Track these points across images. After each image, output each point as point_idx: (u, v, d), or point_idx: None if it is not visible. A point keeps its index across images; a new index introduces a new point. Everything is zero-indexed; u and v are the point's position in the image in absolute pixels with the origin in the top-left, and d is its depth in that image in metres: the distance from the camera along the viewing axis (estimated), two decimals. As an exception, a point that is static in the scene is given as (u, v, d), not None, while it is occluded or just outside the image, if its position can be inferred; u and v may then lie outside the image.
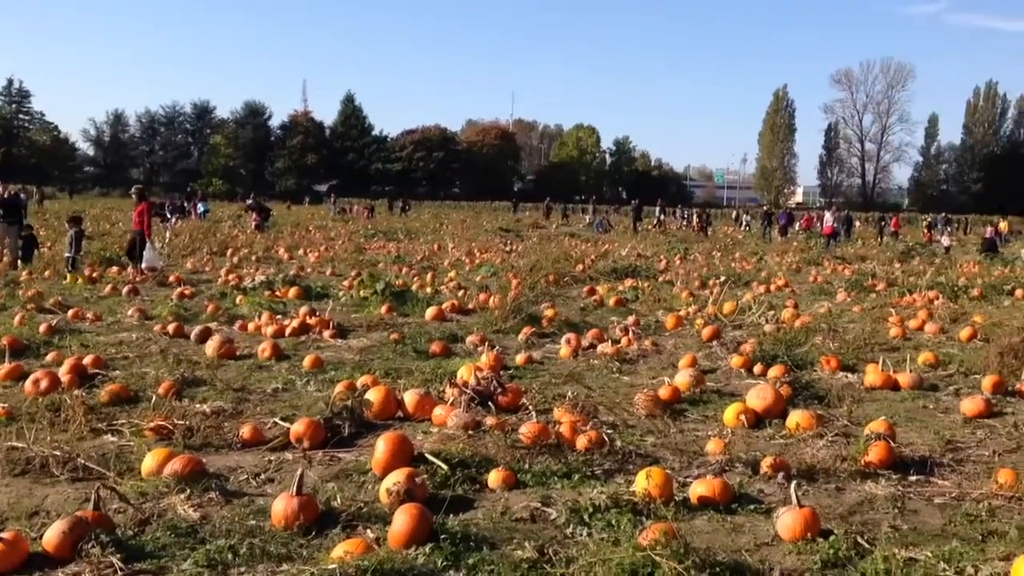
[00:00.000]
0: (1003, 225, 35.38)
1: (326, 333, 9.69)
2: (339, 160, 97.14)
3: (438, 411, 6.04)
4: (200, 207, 45.51)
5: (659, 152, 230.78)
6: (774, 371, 7.84)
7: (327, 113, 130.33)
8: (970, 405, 6.76)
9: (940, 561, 3.62)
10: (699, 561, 3.46)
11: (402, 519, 3.82)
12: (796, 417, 6.02)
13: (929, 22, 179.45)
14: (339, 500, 4.42)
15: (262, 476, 4.92)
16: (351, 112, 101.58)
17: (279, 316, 10.88)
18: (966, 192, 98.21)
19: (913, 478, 5.05)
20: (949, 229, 42.49)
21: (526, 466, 4.94)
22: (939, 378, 8.16)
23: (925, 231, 49.14)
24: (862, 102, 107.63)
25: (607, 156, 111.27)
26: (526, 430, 5.34)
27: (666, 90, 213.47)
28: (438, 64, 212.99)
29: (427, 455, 4.92)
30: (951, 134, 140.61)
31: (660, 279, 18.09)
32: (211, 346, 8.50)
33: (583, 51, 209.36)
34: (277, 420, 5.96)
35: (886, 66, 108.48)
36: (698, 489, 4.54)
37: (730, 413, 6.29)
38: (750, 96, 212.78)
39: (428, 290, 14.30)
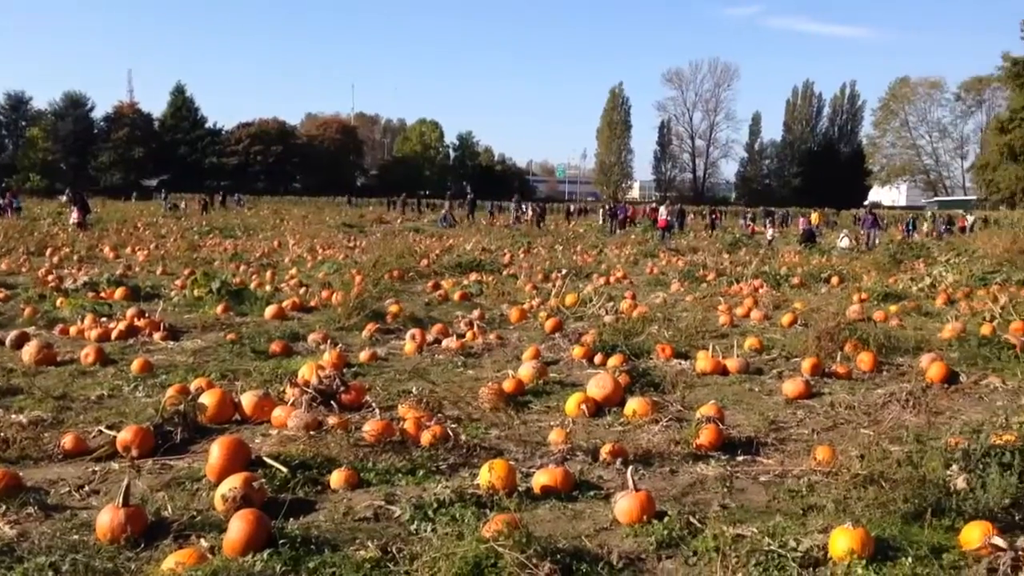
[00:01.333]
0: (814, 217, 37.87)
1: (157, 335, 9.24)
2: (170, 154, 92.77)
3: (278, 412, 5.87)
4: (14, 203, 42.35)
5: (503, 147, 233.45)
6: (613, 360, 8.07)
7: (156, 105, 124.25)
8: (791, 387, 7.20)
9: (765, 536, 3.82)
10: (541, 549, 3.52)
11: (238, 525, 3.69)
12: (633, 404, 6.22)
13: (749, 24, 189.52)
14: (170, 509, 4.22)
15: (86, 488, 4.63)
16: (182, 104, 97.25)
17: (104, 319, 10.26)
18: (787, 186, 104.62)
19: (741, 458, 5.33)
20: (768, 221, 44.99)
21: (370, 464, 4.88)
22: (764, 362, 8.65)
23: (750, 223, 52.09)
24: (692, 100, 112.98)
25: (451, 151, 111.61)
26: (370, 428, 5.27)
27: (509, 86, 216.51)
28: (275, 56, 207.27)
29: (265, 458, 4.77)
30: (773, 131, 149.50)
31: (504, 273, 18.31)
32: (28, 352, 7.92)
33: (425, 45, 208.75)
34: (102, 428, 5.61)
35: (713, 66, 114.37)
36: (541, 479, 4.62)
37: (572, 403, 6.43)
38: (590, 93, 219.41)
39: (268, 288, 13.89)
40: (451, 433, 5.38)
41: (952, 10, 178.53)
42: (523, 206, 50.40)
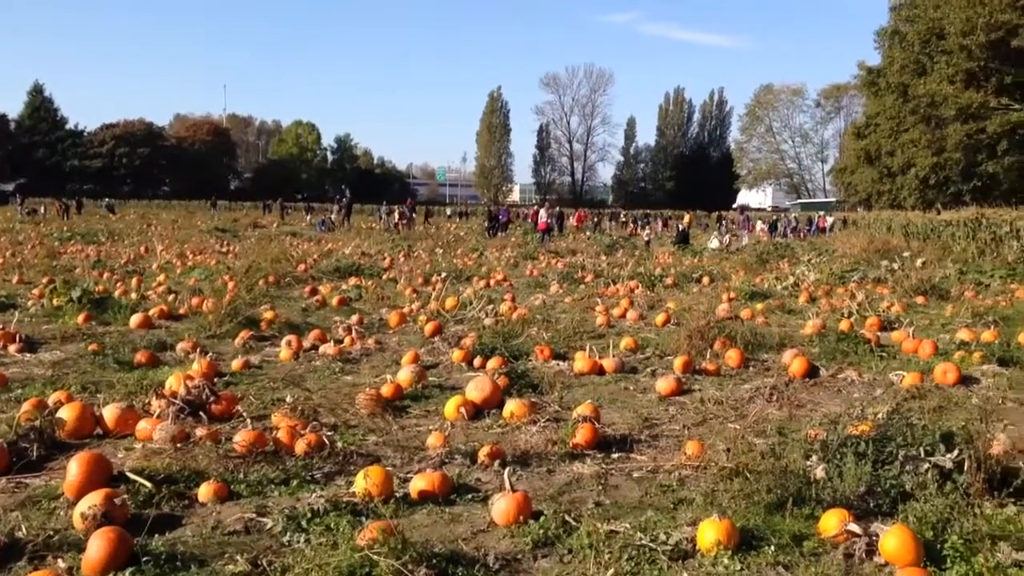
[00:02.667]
0: (686, 219, 39.19)
1: (12, 347, 8.71)
2: (27, 156, 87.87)
3: (143, 425, 5.62)
4: None
5: (382, 150, 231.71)
6: (493, 363, 8.10)
7: (12, 106, 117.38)
8: (664, 384, 7.39)
9: (637, 531, 3.91)
10: (417, 555, 3.50)
11: (97, 544, 3.51)
12: (512, 406, 6.26)
13: (624, 30, 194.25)
14: (25, 530, 3.99)
15: (-70, 513, 4.32)
16: (40, 104, 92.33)
17: (-47, 331, 9.60)
18: (661, 189, 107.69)
19: (616, 455, 5.44)
20: (645, 222, 46.17)
21: (241, 476, 4.73)
22: (639, 361, 8.86)
23: (631, 226, 53.39)
24: (569, 105, 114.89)
25: (329, 154, 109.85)
26: (241, 438, 5.12)
27: (389, 88, 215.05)
28: (141, 55, 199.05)
29: (128, 473, 4.56)
30: (647, 136, 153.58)
31: (384, 277, 18.13)
32: None
33: (301, 45, 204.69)
34: (-51, 448, 5.25)
35: (589, 71, 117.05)
36: (418, 484, 4.59)
37: (451, 406, 6.41)
38: (469, 96, 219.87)
39: (133, 296, 13.29)
40: (327, 441, 5.28)
41: (813, 21, 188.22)
42: (393, 210, 49.78)
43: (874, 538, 3.77)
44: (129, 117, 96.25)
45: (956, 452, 4.48)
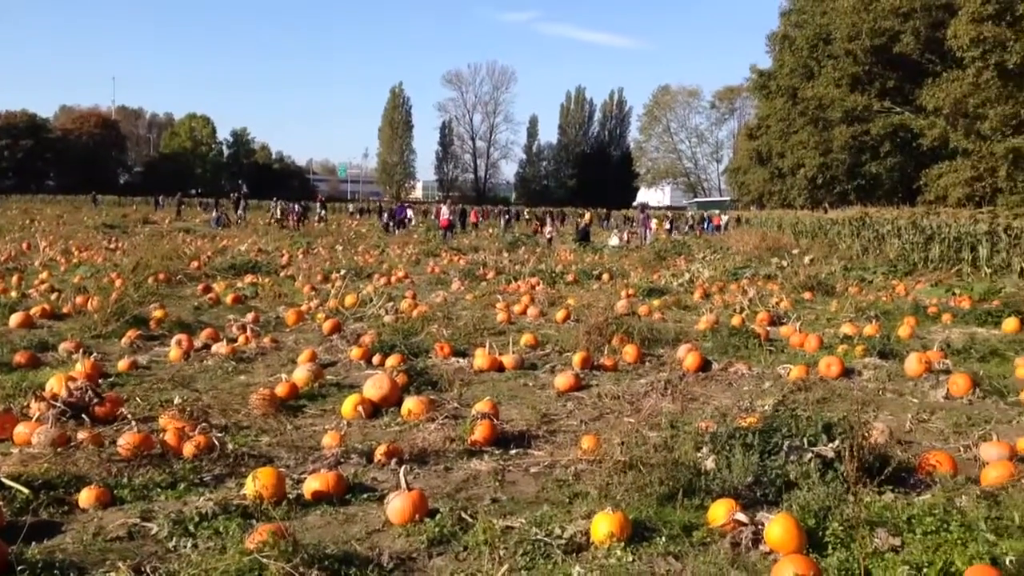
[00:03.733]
0: (587, 217, 39.69)
1: None
2: None
3: (21, 429, 5.35)
4: None
5: (281, 145, 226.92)
6: (392, 360, 8.03)
7: None
8: (562, 380, 7.47)
9: (533, 526, 3.94)
10: (308, 557, 3.43)
11: (-34, 557, 3.33)
12: (410, 404, 6.21)
13: (524, 29, 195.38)
14: None
15: None
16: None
17: None
18: (563, 187, 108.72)
19: (514, 451, 5.46)
20: (549, 220, 46.50)
21: (125, 480, 4.56)
22: (538, 357, 8.93)
23: (535, 223, 53.70)
24: (471, 102, 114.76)
25: (224, 148, 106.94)
26: (125, 441, 4.93)
27: (287, 82, 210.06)
28: (23, 44, 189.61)
29: (3, 479, 4.34)
30: (549, 134, 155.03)
31: (282, 274, 17.78)
32: None
33: (193, 37, 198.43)
34: None
35: (491, 69, 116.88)
36: (312, 484, 4.51)
37: (348, 405, 6.33)
38: (371, 92, 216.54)
39: (13, 294, 12.66)
40: (217, 442, 5.14)
41: (708, 24, 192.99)
42: (284, 206, 48.48)
43: (760, 527, 3.88)
44: (11, 108, 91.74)
45: (837, 442, 4.66)
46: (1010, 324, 11.04)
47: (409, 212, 47.27)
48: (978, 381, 7.35)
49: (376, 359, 8.29)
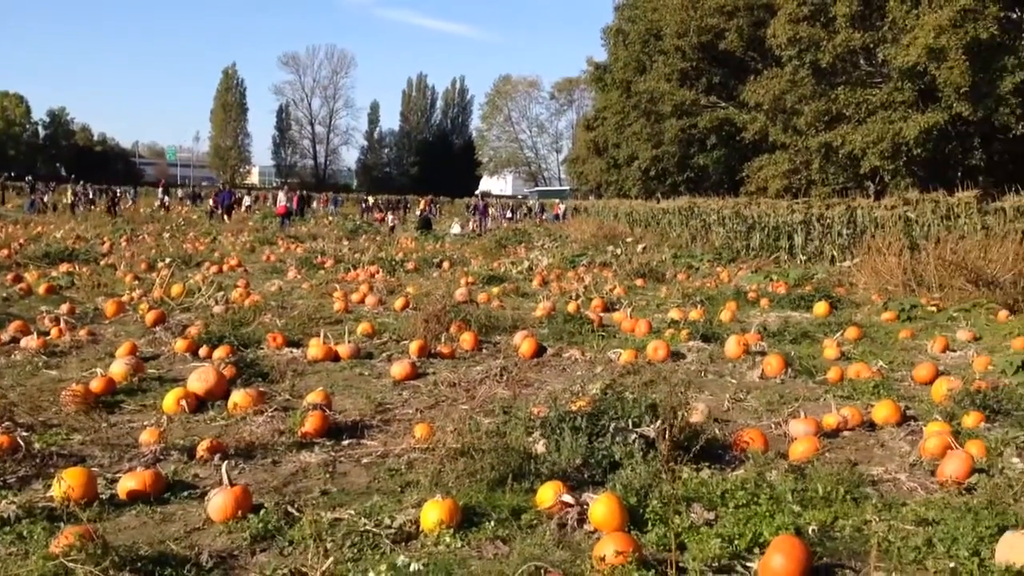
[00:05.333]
0: (422, 203, 39.55)
1: None
2: None
3: None
4: None
5: (104, 127, 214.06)
6: (220, 352, 7.73)
7: None
8: (399, 369, 7.42)
9: (362, 517, 3.89)
10: (119, 559, 3.26)
11: None
12: (237, 396, 6.00)
13: (363, 13, 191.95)
14: None
15: None
16: None
17: None
18: (406, 174, 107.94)
19: (346, 442, 5.38)
20: (390, 208, 46.02)
21: (-90, 488, 4.18)
22: (375, 346, 8.83)
23: (378, 212, 53.00)
24: (310, 86, 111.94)
25: (40, 128, 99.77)
26: (-86, 446, 4.51)
27: (110, 60, 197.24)
28: None
29: None
30: (391, 121, 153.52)
31: (103, 263, 16.77)
32: None
33: (4, 9, 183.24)
34: None
35: (330, 52, 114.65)
36: (127, 483, 4.28)
37: (170, 399, 6.05)
38: (200, 72, 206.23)
39: None
40: (21, 442, 4.79)
41: (548, 15, 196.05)
42: (88, 191, 45.68)
43: (585, 507, 3.99)
44: None
45: (659, 422, 4.84)
46: (820, 308, 11.84)
47: (247, 199, 45.68)
48: (790, 362, 7.84)
49: (203, 351, 7.95)
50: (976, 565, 3.44)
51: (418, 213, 37.82)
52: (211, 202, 42.25)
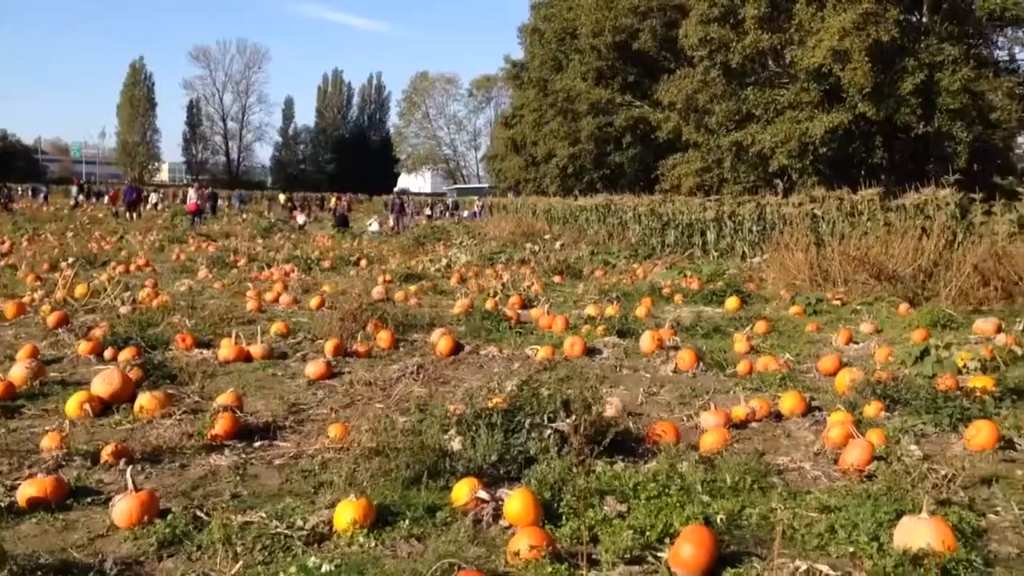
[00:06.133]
0: (332, 201, 39.05)
1: None
2: None
3: None
4: None
5: (3, 122, 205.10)
6: (126, 354, 7.49)
7: None
8: (313, 368, 7.32)
9: (273, 519, 3.83)
10: (18, 568, 3.17)
11: None
12: (143, 399, 5.83)
13: (276, 8, 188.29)
14: None
15: None
16: None
17: None
18: (322, 171, 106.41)
19: (258, 444, 5.28)
20: (299, 206, 45.11)
21: None
22: (289, 346, 8.69)
23: (295, 210, 52.04)
24: (221, 80, 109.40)
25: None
26: None
27: (9, 54, 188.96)
28: None
29: None
30: (306, 117, 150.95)
31: (2, 263, 16.09)
32: None
33: None
34: None
35: (242, 47, 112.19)
36: (27, 491, 4.12)
37: (73, 403, 5.84)
38: (107, 66, 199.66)
39: None
40: (-89, 452, 4.56)
41: (466, 13, 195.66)
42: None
43: (500, 503, 4.01)
44: None
45: (573, 417, 4.89)
46: (731, 303, 12.14)
47: (154, 196, 44.40)
48: (702, 356, 8.02)
49: (108, 353, 7.70)
50: (875, 549, 3.58)
51: (330, 210, 37.24)
52: (108, 199, 40.84)
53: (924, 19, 27.36)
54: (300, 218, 36.95)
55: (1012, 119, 25.69)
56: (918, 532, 3.53)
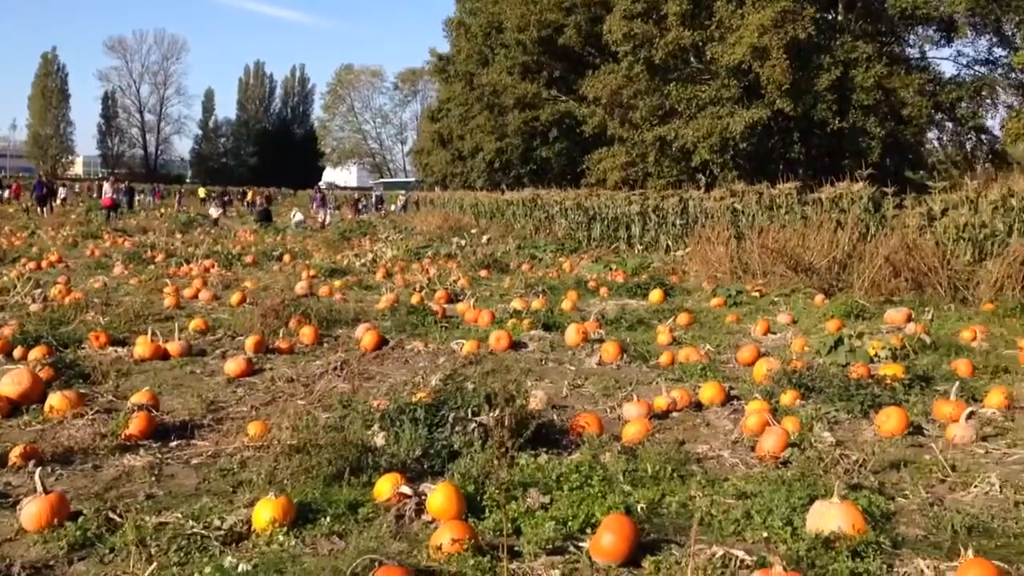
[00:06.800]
0: (249, 195, 38.28)
1: None
2: None
3: None
4: None
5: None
6: (36, 353, 7.23)
7: None
8: (233, 366, 7.18)
9: (189, 519, 3.74)
10: (-84, 581, 3.00)
11: None
12: (54, 399, 5.64)
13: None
14: None
15: None
16: None
17: None
18: (244, 165, 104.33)
19: (175, 443, 5.16)
20: (217, 201, 43.92)
21: None
22: (209, 343, 8.51)
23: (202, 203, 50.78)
24: (138, 72, 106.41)
25: None
26: None
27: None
28: None
29: None
30: (228, 109, 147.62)
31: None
32: None
33: None
34: None
35: (159, 37, 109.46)
36: (-72, 497, 3.95)
37: (-22, 406, 5.62)
38: (17, 58, 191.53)
39: None
40: None
41: (391, 5, 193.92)
42: None
43: (423, 497, 3.99)
44: None
45: (498, 411, 4.90)
46: (655, 295, 12.32)
47: (63, 190, 42.93)
48: (626, 348, 8.12)
49: (17, 352, 7.42)
50: (789, 534, 3.67)
51: (246, 205, 36.47)
52: (11, 193, 39.30)
53: (839, 17, 28.15)
54: (213, 212, 35.99)
55: (923, 115, 26.62)
56: (830, 516, 3.63)
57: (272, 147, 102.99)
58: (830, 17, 28.33)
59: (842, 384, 6.24)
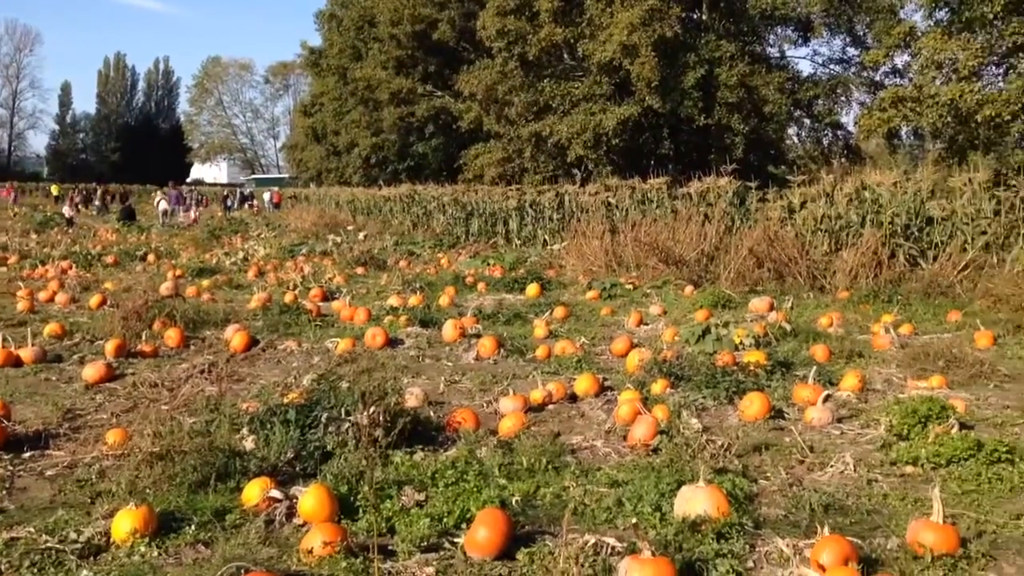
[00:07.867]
0: (99, 191, 36.49)
1: None
2: None
3: None
4: None
5: None
6: None
7: None
8: (92, 371, 6.83)
9: (43, 533, 3.55)
10: None
11: None
12: None
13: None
14: None
15: None
16: None
17: None
18: (105, 161, 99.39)
19: (27, 455, 4.87)
20: (69, 200, 41.61)
21: None
22: (65, 348, 8.08)
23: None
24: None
25: None
26: None
27: None
28: None
29: None
30: (86, 103, 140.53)
31: None
32: None
33: None
34: None
35: (11, 27, 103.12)
36: None
37: None
38: None
39: None
40: None
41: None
42: None
43: (294, 500, 3.89)
44: None
45: (372, 409, 4.83)
46: (532, 290, 12.44)
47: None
48: (503, 342, 8.15)
49: None
50: (658, 519, 3.77)
51: (96, 202, 34.80)
52: None
53: (704, 17, 29.08)
54: (67, 211, 34.18)
55: (783, 112, 27.82)
56: (696, 500, 3.75)
57: (135, 142, 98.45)
58: (695, 16, 29.23)
59: (709, 372, 6.46)
